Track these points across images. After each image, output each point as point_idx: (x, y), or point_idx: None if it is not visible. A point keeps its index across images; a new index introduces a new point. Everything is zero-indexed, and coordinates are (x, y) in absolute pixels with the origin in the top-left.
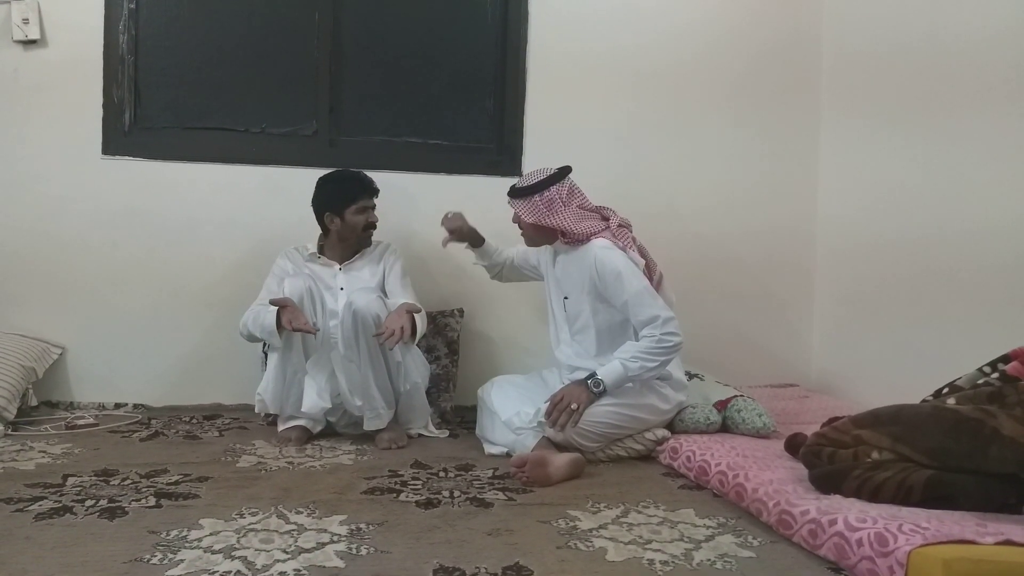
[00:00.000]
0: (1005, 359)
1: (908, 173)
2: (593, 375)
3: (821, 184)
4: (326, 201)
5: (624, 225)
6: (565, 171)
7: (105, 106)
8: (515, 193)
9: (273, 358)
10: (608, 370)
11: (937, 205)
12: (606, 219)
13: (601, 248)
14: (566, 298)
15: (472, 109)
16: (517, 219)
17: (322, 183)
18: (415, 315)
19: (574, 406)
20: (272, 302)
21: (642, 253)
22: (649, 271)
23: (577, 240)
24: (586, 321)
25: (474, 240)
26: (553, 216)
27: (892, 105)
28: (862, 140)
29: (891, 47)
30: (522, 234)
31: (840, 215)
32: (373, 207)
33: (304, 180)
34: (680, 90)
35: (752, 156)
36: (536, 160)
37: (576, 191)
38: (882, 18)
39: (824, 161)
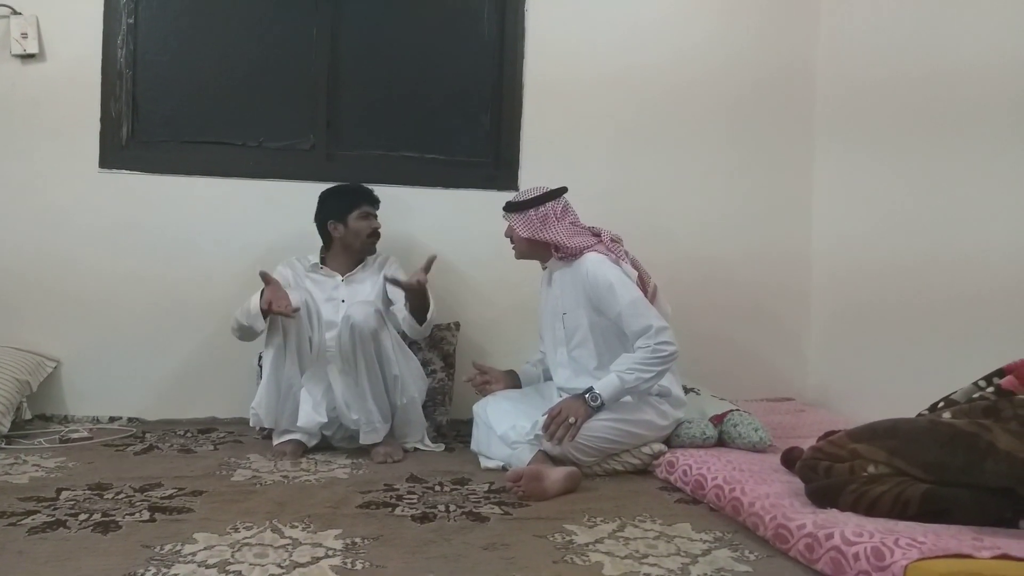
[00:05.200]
0: (1000, 373)
1: (901, 197)
2: (590, 389)
3: (815, 207)
4: (330, 209)
5: (616, 240)
6: (561, 190)
7: (103, 120)
8: (510, 207)
9: (267, 371)
10: (605, 383)
11: (931, 228)
12: (597, 235)
13: (593, 262)
14: (564, 314)
15: (469, 124)
16: (510, 233)
17: (324, 195)
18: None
19: (572, 420)
20: (260, 274)
21: (635, 266)
22: (643, 283)
23: (570, 254)
24: (584, 335)
25: (512, 381)
26: (547, 231)
27: (885, 131)
28: (856, 165)
29: (885, 74)
30: (513, 248)
31: (835, 236)
32: (375, 215)
33: (301, 194)
34: (677, 110)
35: (747, 179)
36: (532, 174)
37: (570, 209)
38: (877, 45)
39: (818, 185)
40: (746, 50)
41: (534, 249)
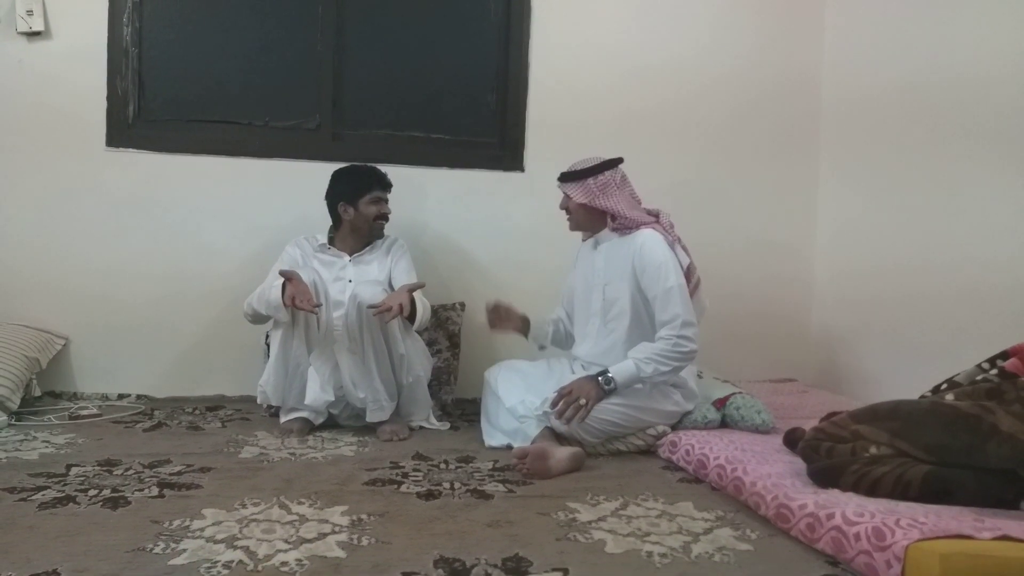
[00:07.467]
0: (1004, 355)
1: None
2: (605, 372)
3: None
4: (341, 191)
5: (672, 224)
6: (618, 160)
7: (109, 98)
8: (567, 177)
9: (275, 349)
10: (621, 369)
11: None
12: (655, 215)
13: (649, 237)
14: (607, 285)
15: (474, 104)
16: (566, 203)
17: (337, 175)
18: (416, 298)
19: (583, 401)
20: (281, 272)
21: (687, 253)
22: (689, 273)
23: (626, 227)
24: (623, 308)
25: (522, 327)
26: (607, 199)
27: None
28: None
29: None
30: (568, 218)
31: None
32: (386, 200)
33: (307, 173)
34: (685, 99)
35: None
36: (538, 155)
37: (628, 181)
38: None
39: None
40: (753, 50)
41: (590, 218)
